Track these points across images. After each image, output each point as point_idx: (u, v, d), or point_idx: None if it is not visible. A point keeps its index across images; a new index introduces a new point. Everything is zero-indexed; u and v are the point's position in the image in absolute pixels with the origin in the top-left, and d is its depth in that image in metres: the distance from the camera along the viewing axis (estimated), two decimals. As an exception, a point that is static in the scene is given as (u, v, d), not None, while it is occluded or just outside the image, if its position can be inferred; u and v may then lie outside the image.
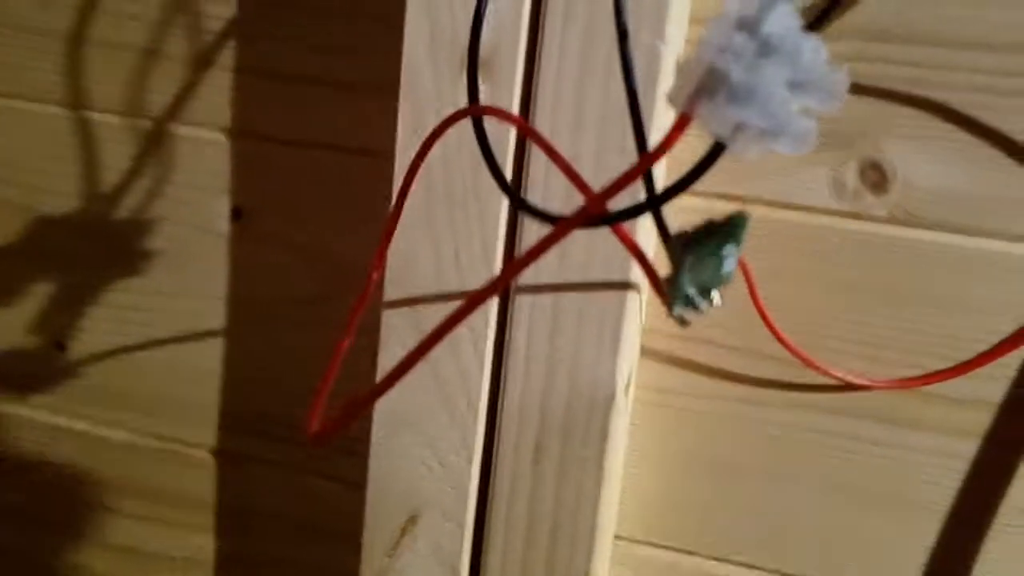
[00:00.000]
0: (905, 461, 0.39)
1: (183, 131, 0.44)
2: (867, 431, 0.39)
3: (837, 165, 0.37)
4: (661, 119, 0.34)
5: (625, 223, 0.25)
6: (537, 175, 0.35)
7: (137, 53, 0.44)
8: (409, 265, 0.37)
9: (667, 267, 0.24)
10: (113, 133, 0.45)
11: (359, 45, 0.41)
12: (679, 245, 0.23)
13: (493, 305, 0.37)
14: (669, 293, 0.23)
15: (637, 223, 0.34)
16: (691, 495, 0.41)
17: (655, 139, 0.34)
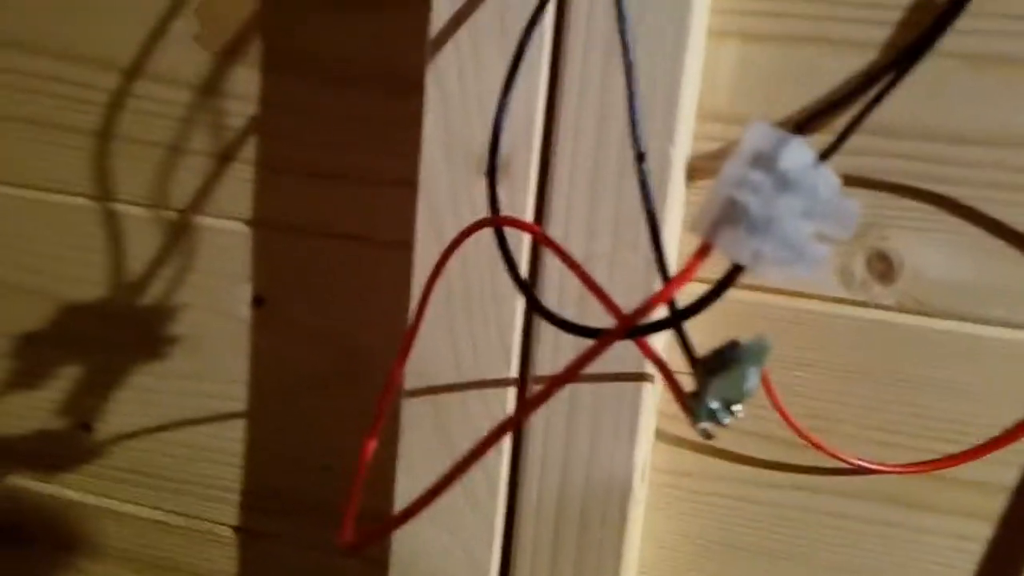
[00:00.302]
0: (918, 544, 0.40)
1: (206, 222, 0.46)
2: (879, 514, 0.40)
3: (845, 255, 0.38)
4: (673, 223, 0.35)
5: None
6: (552, 276, 0.36)
7: (162, 148, 0.45)
8: (428, 357, 0.38)
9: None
10: (138, 224, 0.47)
11: (374, 143, 0.42)
12: (705, 366, 0.24)
13: (511, 394, 0.38)
14: (694, 408, 0.24)
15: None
16: (707, 576, 0.42)
17: (669, 232, 0.35)
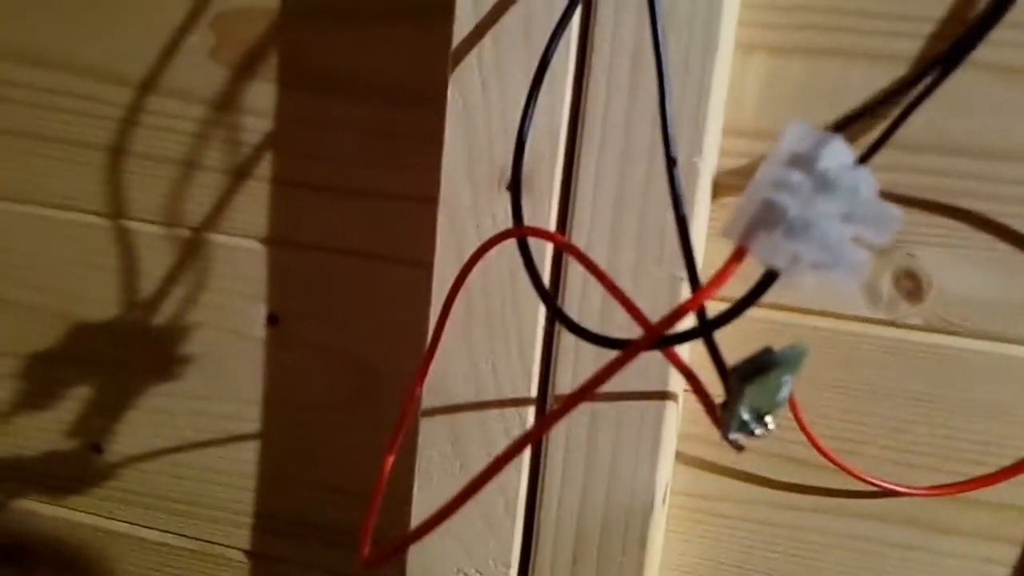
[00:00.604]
0: (942, 567, 0.39)
1: (220, 239, 0.45)
2: (903, 537, 0.39)
3: (872, 273, 0.37)
4: (699, 237, 0.35)
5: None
6: (574, 290, 0.36)
7: (176, 164, 0.45)
8: (447, 374, 0.38)
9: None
10: (152, 241, 0.46)
11: (392, 159, 0.42)
12: (737, 373, 0.23)
13: (531, 413, 0.37)
14: (724, 419, 0.23)
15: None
16: (730, 602, 0.41)
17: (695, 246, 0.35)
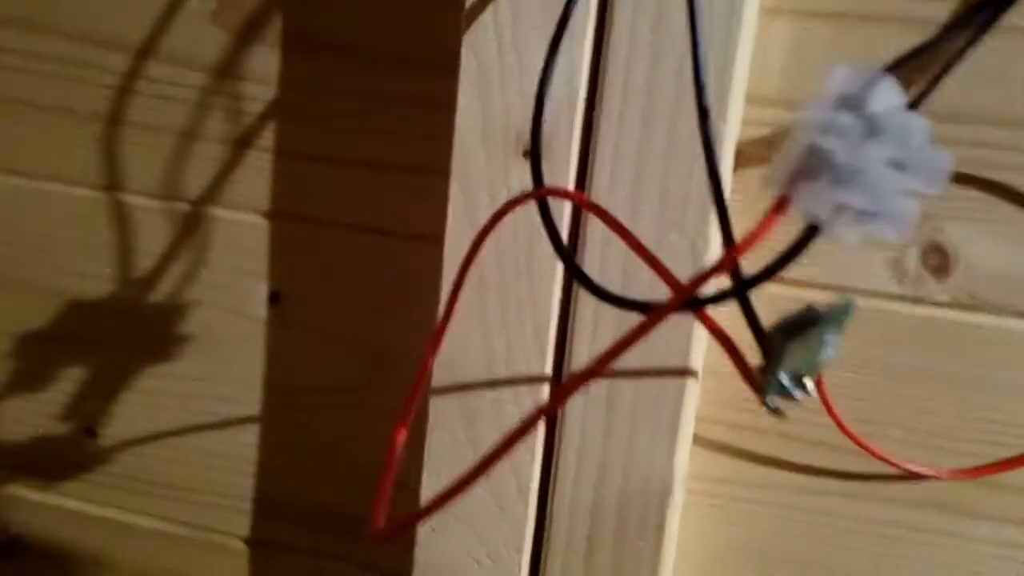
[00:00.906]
0: (968, 551, 0.38)
1: (220, 213, 0.44)
2: (928, 521, 0.38)
3: (898, 248, 0.36)
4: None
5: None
6: (592, 256, 0.34)
7: (175, 135, 0.43)
8: (458, 351, 0.36)
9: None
10: (149, 216, 0.45)
11: (399, 128, 0.41)
12: (778, 333, 0.21)
13: (545, 391, 0.36)
14: (763, 382, 0.22)
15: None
16: (747, 589, 0.40)
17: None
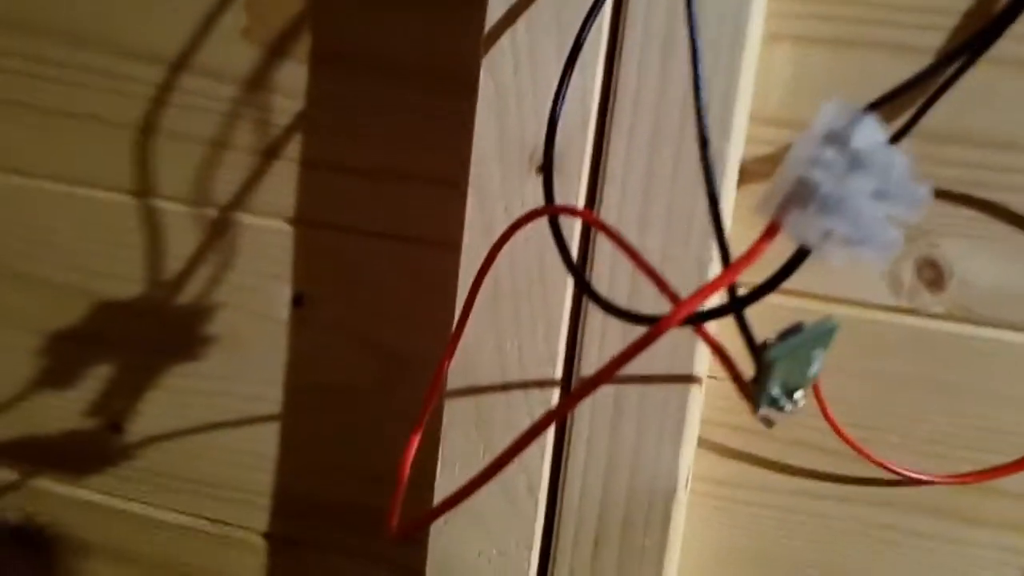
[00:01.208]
0: (965, 556, 0.39)
1: (247, 220, 0.46)
2: (925, 526, 0.39)
3: (894, 262, 0.38)
4: (726, 219, 0.35)
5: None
6: (602, 270, 0.36)
7: (206, 144, 0.45)
8: (472, 355, 0.38)
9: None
10: (179, 221, 0.47)
11: (420, 140, 0.42)
12: (768, 349, 0.23)
13: (556, 395, 0.38)
14: (755, 394, 0.24)
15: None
16: (748, 588, 0.41)
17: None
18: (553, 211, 0.32)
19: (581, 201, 0.36)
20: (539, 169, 0.36)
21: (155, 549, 0.51)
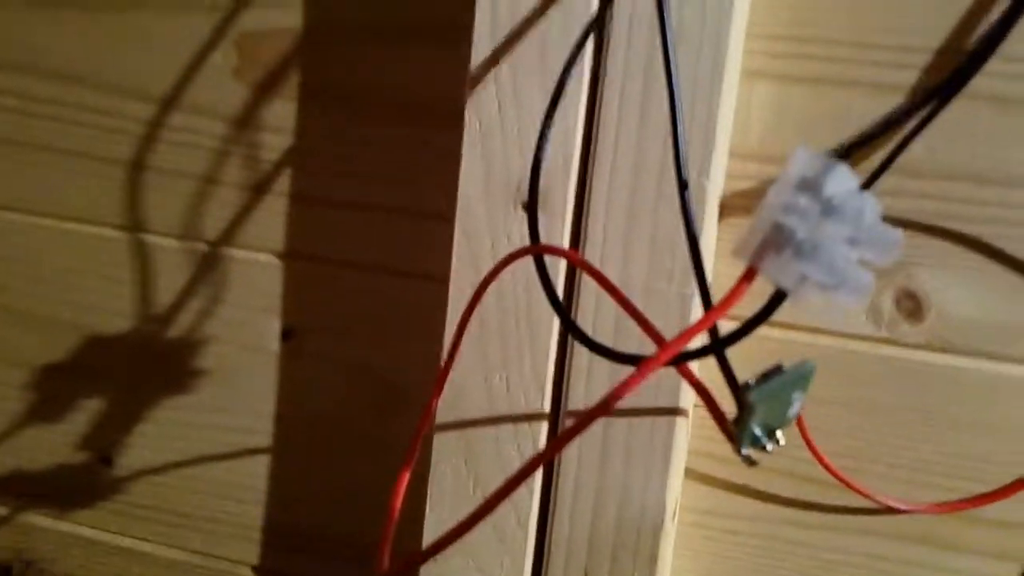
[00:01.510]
0: (948, 583, 0.40)
1: (237, 254, 0.46)
2: (910, 554, 0.40)
3: (874, 294, 0.38)
4: (708, 252, 0.36)
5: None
6: (587, 308, 0.37)
7: (196, 180, 0.46)
8: (460, 390, 0.39)
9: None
10: (169, 255, 0.47)
11: (407, 175, 0.43)
12: (749, 390, 0.24)
13: (543, 429, 0.38)
14: (737, 434, 0.24)
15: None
16: (735, 617, 0.42)
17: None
18: (539, 251, 0.32)
19: (566, 236, 0.37)
20: (524, 205, 0.37)
21: (146, 582, 0.51)
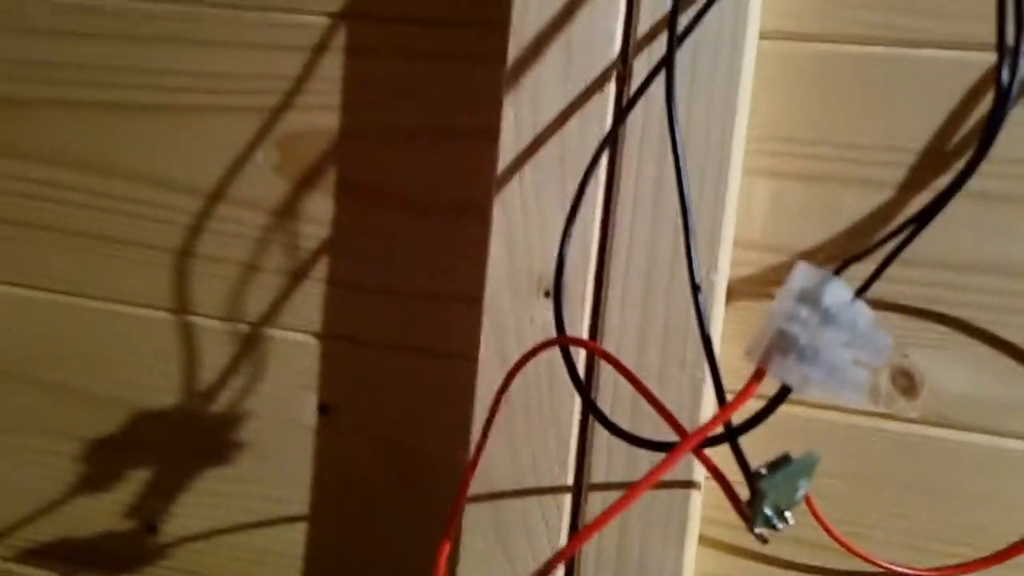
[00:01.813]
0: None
1: (277, 334, 0.50)
2: (911, 614, 0.42)
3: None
4: (716, 336, 0.39)
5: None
6: (607, 386, 0.40)
7: (239, 266, 0.49)
8: (489, 462, 0.42)
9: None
10: (213, 335, 0.50)
11: (435, 263, 0.47)
12: (761, 477, 0.27)
13: (567, 501, 0.41)
14: (751, 515, 0.27)
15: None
16: (748, 676, 0.44)
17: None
18: (564, 342, 0.35)
19: (585, 324, 0.40)
20: (546, 293, 0.40)
21: (187, 646, 0.54)
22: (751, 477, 0.27)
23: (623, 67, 0.39)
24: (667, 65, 0.35)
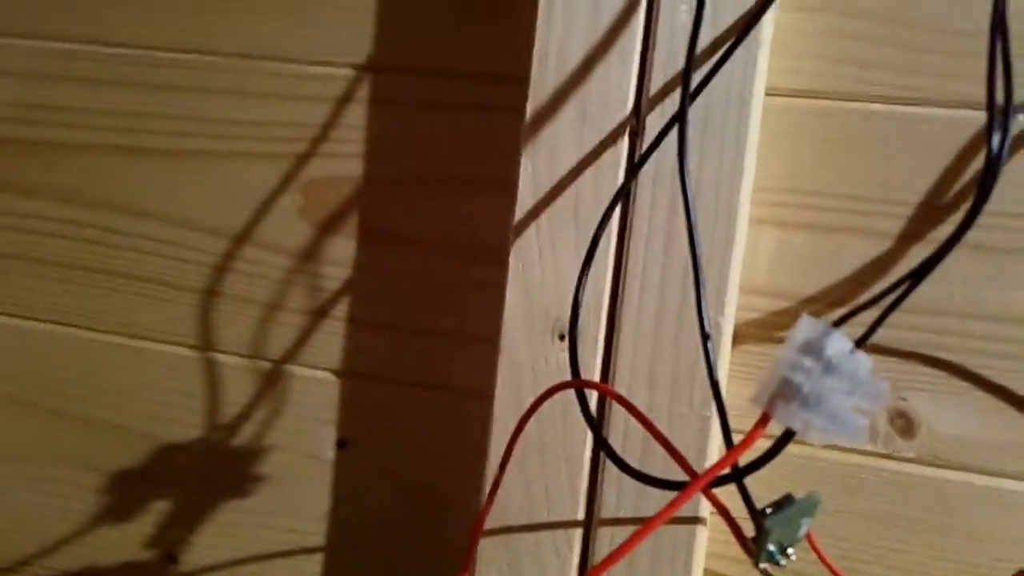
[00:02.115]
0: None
1: (297, 371, 0.51)
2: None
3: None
4: (723, 376, 0.41)
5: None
6: (617, 427, 0.42)
7: (262, 306, 0.51)
8: (504, 499, 0.43)
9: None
10: (235, 372, 0.52)
11: (453, 305, 0.49)
12: (765, 516, 0.29)
13: (578, 535, 0.43)
14: (756, 551, 0.29)
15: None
16: None
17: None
18: (579, 385, 0.37)
19: (597, 365, 0.42)
20: (560, 336, 0.42)
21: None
22: (756, 516, 0.29)
23: (636, 122, 0.41)
24: (680, 120, 0.37)
